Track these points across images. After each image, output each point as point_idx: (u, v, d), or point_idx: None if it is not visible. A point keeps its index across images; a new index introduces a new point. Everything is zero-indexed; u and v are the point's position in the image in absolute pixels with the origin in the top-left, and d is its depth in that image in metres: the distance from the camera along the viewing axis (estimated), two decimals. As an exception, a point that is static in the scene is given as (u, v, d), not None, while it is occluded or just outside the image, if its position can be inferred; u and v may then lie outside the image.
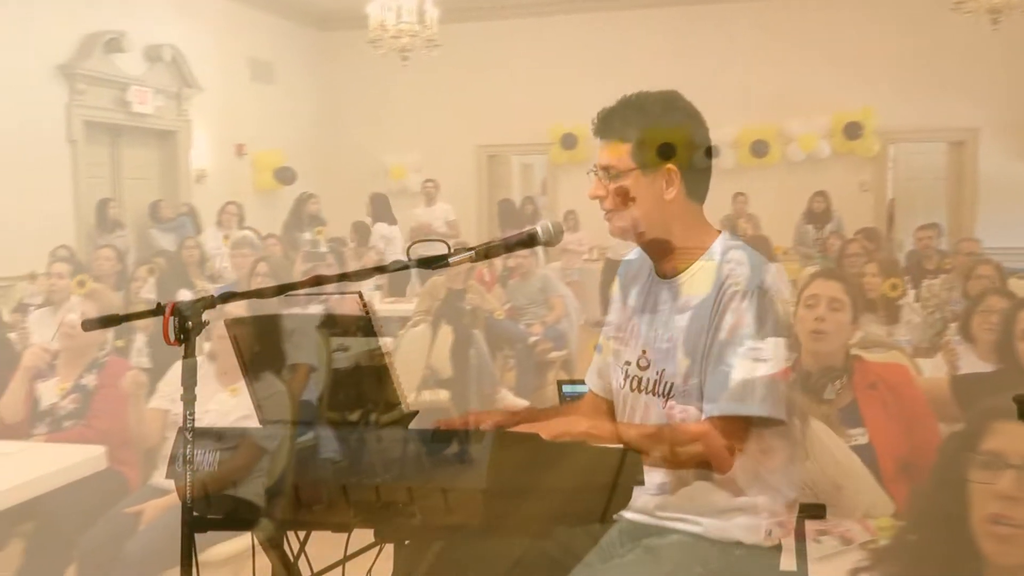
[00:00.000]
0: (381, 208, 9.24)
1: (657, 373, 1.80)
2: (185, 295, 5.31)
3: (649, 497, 1.82)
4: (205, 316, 1.49)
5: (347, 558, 1.96)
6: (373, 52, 8.25)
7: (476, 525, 2.79)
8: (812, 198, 9.30)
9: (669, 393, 1.78)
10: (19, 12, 7.34)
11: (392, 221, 9.11)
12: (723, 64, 10.45)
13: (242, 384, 3.13)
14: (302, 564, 1.89)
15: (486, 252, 1.72)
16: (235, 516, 1.99)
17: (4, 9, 7.20)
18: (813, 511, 2.00)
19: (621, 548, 1.87)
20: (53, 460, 2.69)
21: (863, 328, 4.03)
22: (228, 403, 3.13)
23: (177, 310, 1.45)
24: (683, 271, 1.80)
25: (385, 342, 5.45)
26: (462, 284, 6.20)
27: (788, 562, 1.92)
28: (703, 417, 1.72)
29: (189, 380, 1.49)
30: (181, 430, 1.54)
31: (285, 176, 10.50)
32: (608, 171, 1.79)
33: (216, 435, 1.82)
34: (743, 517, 1.78)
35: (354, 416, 2.88)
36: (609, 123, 1.84)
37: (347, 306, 3.01)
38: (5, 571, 3.03)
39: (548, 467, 1.63)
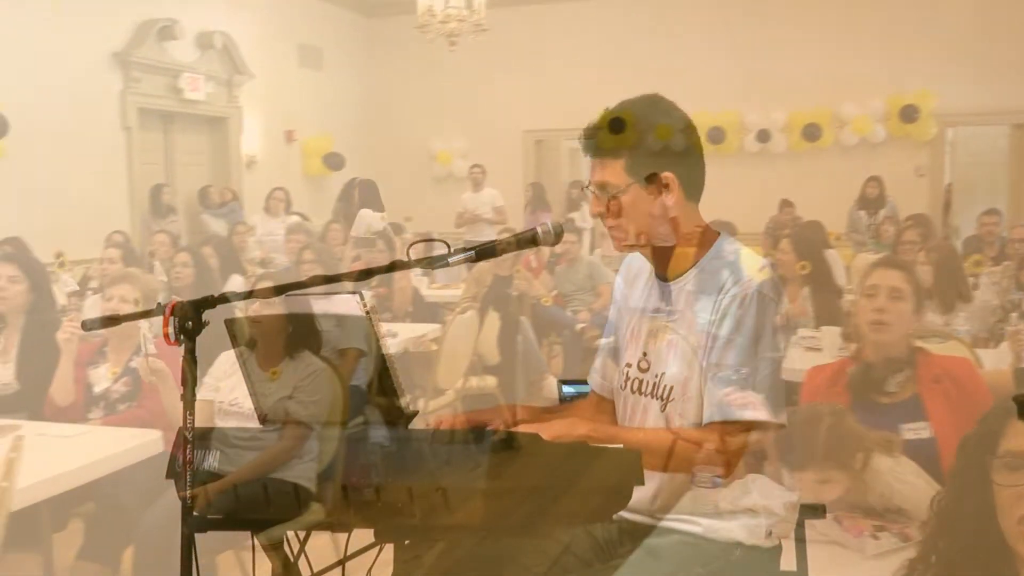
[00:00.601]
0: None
1: (656, 376, 1.80)
2: (237, 280, 5.38)
3: (649, 497, 1.82)
4: (205, 316, 1.48)
5: (347, 558, 1.97)
6: (421, 38, 8.25)
7: (476, 525, 2.79)
8: (866, 183, 9.10)
9: (668, 396, 1.78)
10: (76, 1, 7.47)
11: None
12: (773, 47, 10.26)
13: (282, 365, 3.18)
14: (302, 564, 1.91)
15: (486, 252, 1.71)
16: (235, 516, 2.00)
17: (60, -2, 7.33)
18: (813, 511, 1.99)
19: (621, 548, 1.87)
20: (112, 443, 2.75)
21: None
22: (268, 386, 3.16)
23: (177, 310, 1.44)
24: (683, 273, 1.80)
25: (432, 328, 5.44)
26: (509, 270, 6.19)
27: (788, 562, 1.91)
28: (704, 422, 1.72)
29: (189, 380, 1.48)
30: (181, 430, 1.54)
31: (334, 162, 10.58)
32: (605, 188, 1.78)
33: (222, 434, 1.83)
34: (744, 517, 1.78)
35: (355, 416, 2.89)
36: (598, 139, 1.81)
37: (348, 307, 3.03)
38: (67, 549, 3.11)
39: (548, 468, 1.63)
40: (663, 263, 1.83)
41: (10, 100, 6.58)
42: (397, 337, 4.84)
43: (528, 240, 1.72)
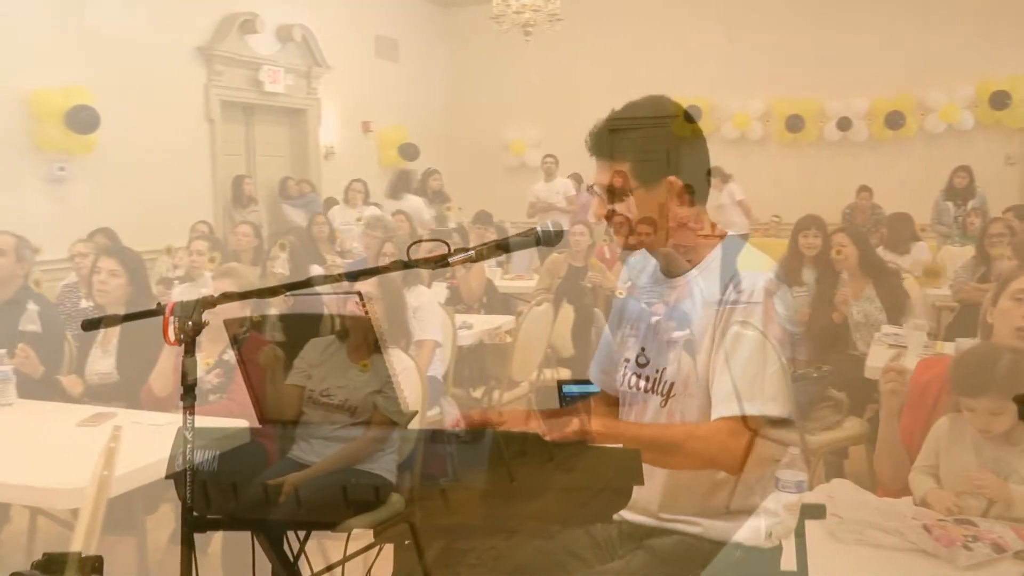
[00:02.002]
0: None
1: (657, 371, 1.80)
2: (317, 271, 5.50)
3: (650, 497, 1.82)
4: (205, 316, 1.49)
5: (347, 558, 1.99)
6: (496, 28, 8.27)
7: (476, 525, 2.80)
8: (953, 173, 8.78)
9: (669, 392, 1.77)
10: (160, -3, 7.70)
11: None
12: (855, 33, 9.99)
13: (373, 359, 3.23)
14: (302, 564, 1.94)
15: (486, 252, 1.71)
16: (235, 516, 2.04)
17: (148, -6, 7.56)
18: (813, 511, 1.98)
19: (621, 548, 1.87)
20: (202, 432, 2.83)
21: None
22: (359, 379, 3.22)
23: (177, 310, 1.44)
24: (688, 271, 1.81)
25: (506, 320, 5.45)
26: (583, 262, 6.18)
27: (788, 562, 1.91)
28: (713, 417, 1.70)
29: (190, 378, 1.50)
30: (181, 430, 1.56)
31: (409, 152, 10.69)
32: (610, 191, 1.78)
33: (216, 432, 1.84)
34: (744, 518, 1.78)
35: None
36: (603, 142, 1.80)
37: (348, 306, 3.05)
38: (159, 531, 3.23)
39: (550, 468, 1.67)
40: (669, 260, 1.84)
41: (100, 95, 6.82)
42: (472, 329, 4.88)
43: (528, 240, 1.73)
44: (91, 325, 1.59)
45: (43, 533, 3.44)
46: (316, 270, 5.56)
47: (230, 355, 3.29)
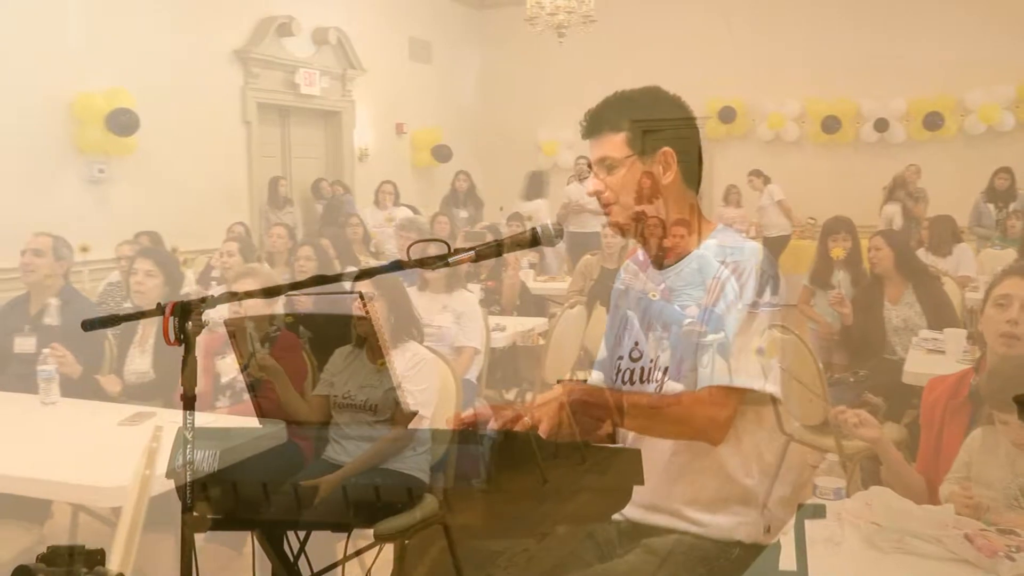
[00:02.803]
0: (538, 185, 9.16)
1: (651, 361, 1.83)
2: (352, 272, 5.53)
3: (649, 496, 1.82)
4: (204, 316, 1.48)
5: (347, 558, 2.00)
6: (529, 29, 8.27)
7: (476, 525, 2.80)
8: (995, 175, 8.62)
9: (662, 380, 1.80)
10: (199, 1, 7.79)
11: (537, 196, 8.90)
12: (893, 33, 9.86)
13: (389, 357, 3.24)
14: (302, 564, 1.95)
15: (486, 252, 1.71)
16: (235, 516, 2.06)
17: (186, -2, 7.67)
18: (813, 511, 1.99)
19: (621, 548, 1.88)
20: (240, 433, 2.86)
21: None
22: (376, 377, 3.24)
23: (177, 310, 1.44)
24: (679, 261, 1.85)
25: (540, 322, 5.44)
26: (616, 264, 6.16)
27: (788, 562, 1.90)
28: (698, 387, 1.74)
29: (189, 379, 1.49)
30: (181, 430, 1.55)
31: (442, 154, 10.73)
32: (604, 163, 1.80)
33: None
34: (742, 515, 1.79)
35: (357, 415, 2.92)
36: (599, 118, 1.83)
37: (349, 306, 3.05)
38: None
39: (549, 468, 1.69)
40: (661, 251, 1.86)
41: (140, 98, 6.92)
42: (505, 331, 4.88)
43: (528, 240, 1.73)
44: (91, 325, 1.59)
45: (83, 530, 3.50)
46: (352, 271, 5.59)
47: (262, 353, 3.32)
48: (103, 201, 6.99)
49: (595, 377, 2.04)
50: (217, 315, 3.54)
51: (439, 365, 3.23)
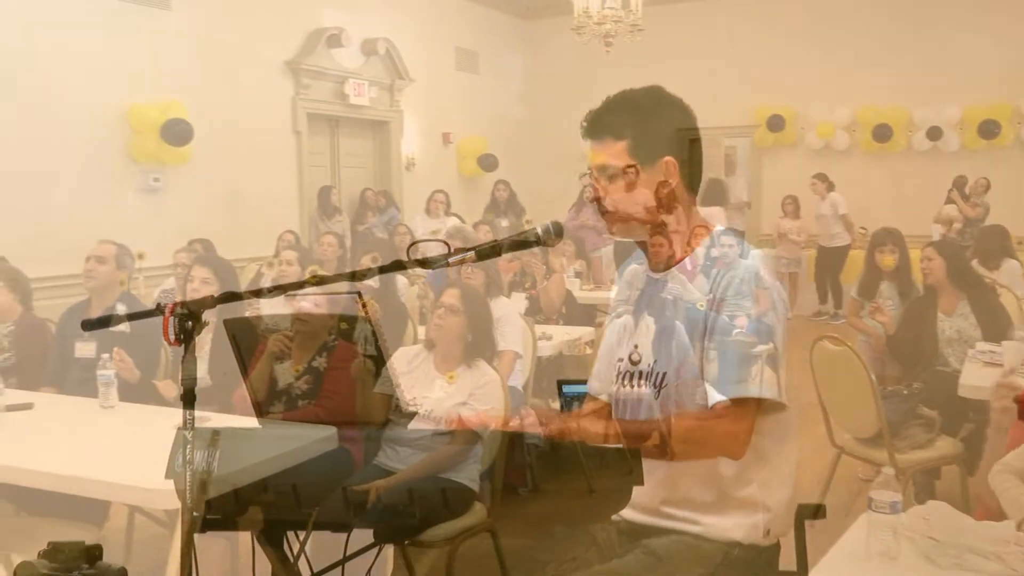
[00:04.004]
0: None
1: (649, 365, 1.82)
2: (402, 281, 5.58)
3: (649, 496, 1.82)
4: (205, 316, 1.50)
5: (347, 558, 2.00)
6: (576, 39, 8.28)
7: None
8: (1053, 184, 8.44)
9: (661, 384, 1.79)
10: (251, 11, 7.95)
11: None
12: (946, 39, 9.69)
13: (459, 370, 3.27)
14: (302, 564, 1.96)
15: (486, 252, 1.71)
16: (235, 516, 2.07)
17: (238, 9, 7.81)
18: (813, 511, 1.98)
19: (621, 548, 1.88)
20: (294, 438, 2.91)
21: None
22: (446, 389, 3.26)
23: (177, 311, 1.45)
24: (677, 264, 1.84)
25: (586, 331, 5.43)
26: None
27: (788, 562, 1.91)
28: (710, 404, 1.71)
29: (188, 379, 1.51)
30: (180, 430, 1.56)
31: (488, 163, 10.78)
32: (605, 170, 1.78)
33: (215, 433, 1.85)
34: (742, 516, 1.78)
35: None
36: (600, 123, 1.81)
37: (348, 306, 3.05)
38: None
39: (549, 468, 1.71)
40: (659, 255, 1.85)
41: (194, 108, 7.07)
42: (551, 340, 4.88)
43: (528, 240, 1.73)
44: (91, 325, 1.63)
45: (139, 531, 3.57)
46: (401, 280, 5.64)
47: (319, 362, 3.36)
48: (157, 210, 7.15)
49: (592, 386, 2.05)
50: (274, 322, 3.61)
51: (504, 391, 3.25)
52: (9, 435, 3.09)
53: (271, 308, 4.78)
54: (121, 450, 2.92)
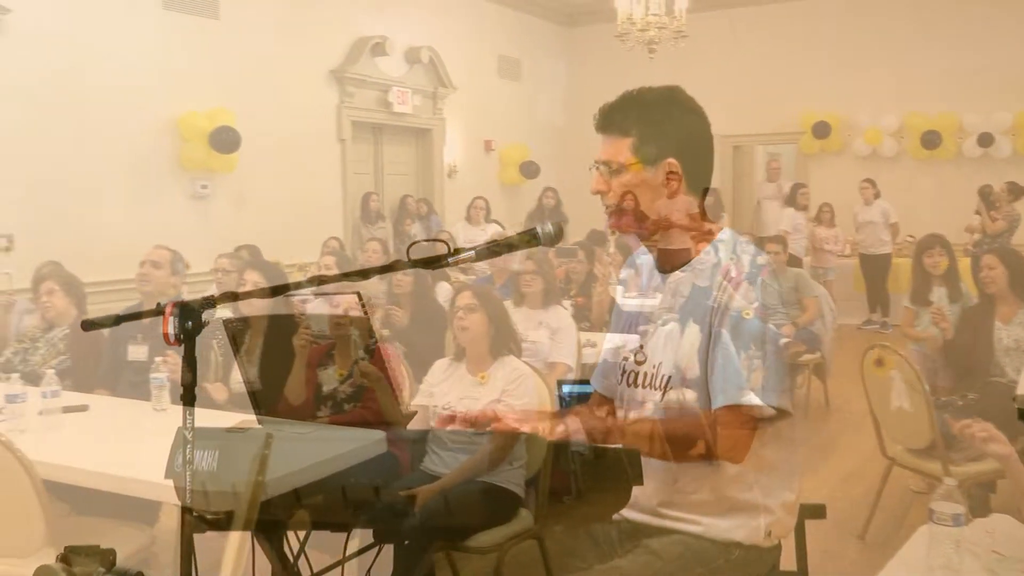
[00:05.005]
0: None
1: (654, 366, 1.82)
2: (444, 288, 5.60)
3: (650, 496, 1.82)
4: (204, 316, 1.49)
5: (347, 558, 1.99)
6: (618, 46, 8.25)
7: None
8: (1109, 191, 8.22)
9: (666, 386, 1.78)
10: (297, 21, 8.05)
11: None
12: (996, 43, 9.51)
13: (490, 370, 3.27)
14: (302, 564, 1.95)
15: (485, 253, 1.70)
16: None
17: (284, 19, 7.92)
18: (813, 512, 1.97)
19: (621, 548, 1.88)
20: (341, 442, 2.92)
21: None
22: (478, 390, 3.27)
23: (177, 311, 1.44)
24: (683, 265, 1.83)
25: (631, 338, 5.35)
26: (708, 281, 6.07)
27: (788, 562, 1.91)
28: (713, 407, 1.70)
29: (188, 378, 1.52)
30: (180, 430, 1.56)
31: (529, 170, 10.79)
32: (609, 165, 1.79)
33: (219, 433, 1.84)
34: (742, 517, 1.77)
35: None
36: (610, 118, 1.81)
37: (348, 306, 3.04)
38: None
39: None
40: (664, 255, 1.85)
41: (241, 116, 7.17)
42: (596, 347, 4.86)
43: (528, 240, 1.72)
44: (90, 325, 1.64)
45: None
46: (444, 288, 5.67)
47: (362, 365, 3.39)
48: (204, 216, 7.26)
49: (594, 383, 2.04)
50: (319, 327, 3.63)
51: (537, 380, 3.25)
52: (65, 436, 3.15)
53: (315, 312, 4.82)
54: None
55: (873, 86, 10.17)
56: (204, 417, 3.33)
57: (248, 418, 3.23)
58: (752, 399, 1.68)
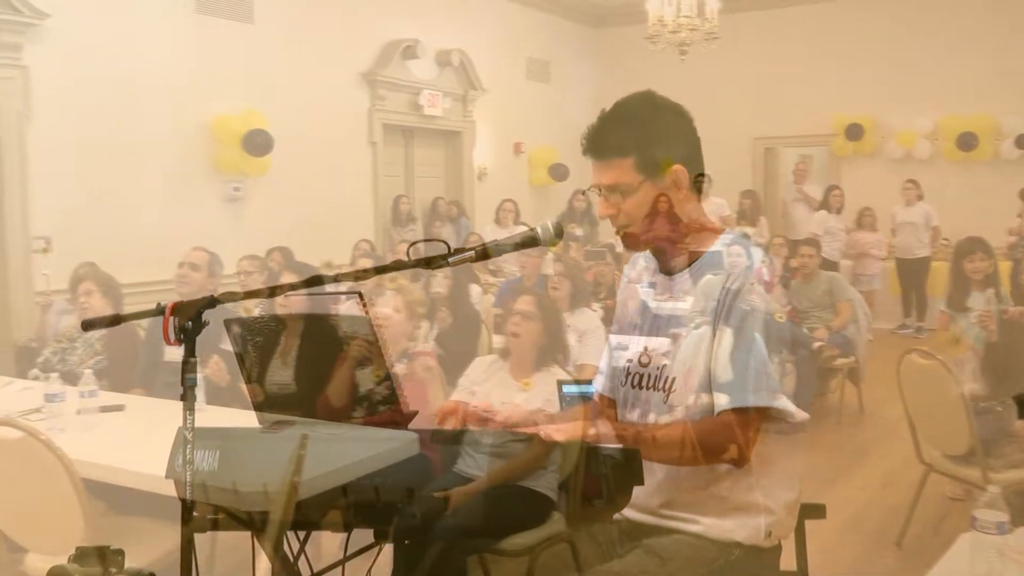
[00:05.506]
0: None
1: (658, 368, 1.81)
2: (475, 290, 5.61)
3: (650, 496, 1.82)
4: (204, 316, 1.49)
5: (347, 558, 1.99)
6: (648, 47, 8.22)
7: (476, 525, 2.75)
8: None
9: (670, 388, 1.78)
10: (330, 25, 8.11)
11: None
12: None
13: (534, 378, 3.26)
14: (302, 564, 1.94)
15: (484, 253, 1.69)
16: (235, 516, 2.06)
17: (317, 23, 7.98)
18: (813, 511, 1.97)
19: (621, 548, 1.88)
20: (377, 443, 2.93)
21: None
22: (519, 396, 3.26)
23: (177, 311, 1.44)
24: (687, 267, 1.82)
25: (663, 342, 5.32)
26: (739, 284, 6.03)
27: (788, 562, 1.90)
28: (717, 410, 1.70)
29: (189, 378, 1.50)
30: (181, 430, 1.55)
31: (559, 173, 10.78)
32: (616, 188, 1.78)
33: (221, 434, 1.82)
34: (743, 517, 1.77)
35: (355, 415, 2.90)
36: (604, 142, 1.81)
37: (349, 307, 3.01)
38: (331, 537, 3.35)
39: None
40: (668, 257, 1.84)
41: (274, 119, 7.24)
42: (629, 350, 4.84)
43: (527, 241, 1.71)
44: (89, 326, 1.64)
45: (223, 533, 3.63)
46: (475, 290, 5.67)
47: (398, 368, 3.40)
48: (237, 218, 7.33)
49: (597, 385, 2.04)
50: (353, 328, 3.62)
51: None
52: (102, 435, 3.19)
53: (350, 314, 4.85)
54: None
55: (907, 88, 10.04)
56: (240, 417, 3.37)
57: (284, 418, 3.26)
58: (757, 401, 1.68)
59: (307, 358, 3.50)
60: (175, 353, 3.76)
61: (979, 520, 1.80)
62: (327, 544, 2.76)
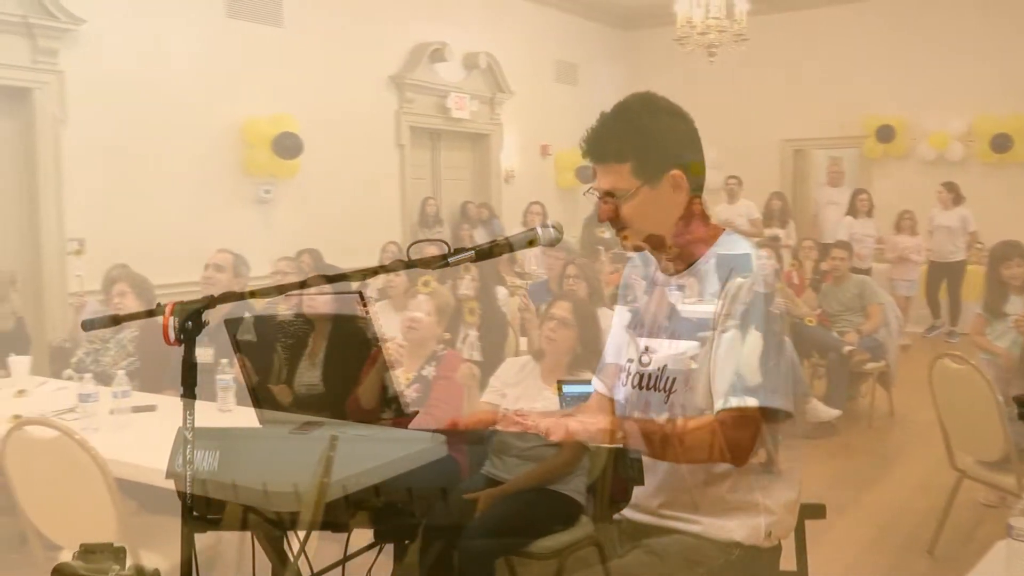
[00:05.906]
0: None
1: (658, 369, 1.81)
2: (502, 292, 5.61)
3: (650, 496, 1.81)
4: (204, 316, 1.50)
5: (347, 558, 1.98)
6: (676, 49, 8.19)
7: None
8: None
9: (670, 388, 1.77)
10: (358, 28, 8.16)
11: None
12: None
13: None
14: (302, 564, 1.94)
15: (484, 253, 1.69)
16: (235, 516, 2.05)
17: (346, 26, 8.03)
18: (813, 511, 1.97)
19: (621, 548, 1.87)
20: (404, 445, 2.94)
21: None
22: (552, 400, 3.26)
23: (177, 311, 1.44)
24: (688, 267, 1.82)
25: (691, 345, 5.29)
26: (767, 287, 5.99)
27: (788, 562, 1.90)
28: (716, 410, 1.70)
29: (189, 378, 1.53)
30: (181, 430, 1.56)
31: (586, 175, 10.75)
32: (613, 193, 1.77)
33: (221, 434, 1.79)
34: (743, 517, 1.77)
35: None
36: (603, 147, 1.79)
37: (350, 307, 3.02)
38: (358, 536, 3.37)
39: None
40: (669, 259, 1.83)
41: (303, 122, 7.29)
42: (655, 353, 4.82)
43: (527, 241, 1.70)
44: (90, 325, 1.65)
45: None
46: (501, 292, 5.68)
47: (427, 371, 3.41)
48: (267, 220, 7.39)
49: (596, 384, 2.04)
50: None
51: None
52: (134, 435, 3.23)
53: (383, 317, 4.88)
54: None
55: (940, 89, 9.92)
56: (270, 419, 3.38)
57: (313, 419, 3.28)
58: (757, 401, 1.68)
59: (334, 359, 3.53)
60: (206, 355, 3.81)
61: (1015, 528, 1.78)
62: (327, 544, 2.78)
